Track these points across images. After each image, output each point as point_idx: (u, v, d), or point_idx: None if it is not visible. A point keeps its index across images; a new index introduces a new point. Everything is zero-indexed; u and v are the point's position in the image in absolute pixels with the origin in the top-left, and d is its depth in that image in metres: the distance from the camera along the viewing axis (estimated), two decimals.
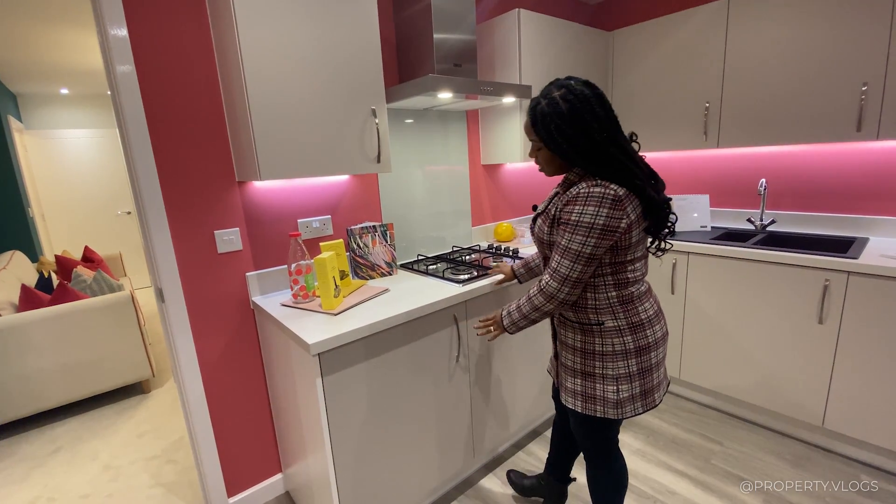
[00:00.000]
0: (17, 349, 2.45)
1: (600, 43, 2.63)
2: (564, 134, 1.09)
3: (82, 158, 5.28)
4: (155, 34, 1.43)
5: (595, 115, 1.07)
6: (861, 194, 2.16)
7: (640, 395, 1.22)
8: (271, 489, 1.89)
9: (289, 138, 1.45)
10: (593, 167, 1.10)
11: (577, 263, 1.10)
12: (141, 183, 1.45)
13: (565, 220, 1.11)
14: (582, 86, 1.09)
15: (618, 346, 1.18)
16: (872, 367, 1.76)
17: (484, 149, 2.46)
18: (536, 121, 1.13)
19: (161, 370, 3.27)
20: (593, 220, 1.06)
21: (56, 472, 2.17)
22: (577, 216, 1.08)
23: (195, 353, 1.62)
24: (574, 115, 1.07)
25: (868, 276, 1.72)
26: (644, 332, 1.19)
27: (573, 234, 1.09)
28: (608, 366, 1.20)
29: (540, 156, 1.22)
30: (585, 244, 1.08)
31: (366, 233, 1.92)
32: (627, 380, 1.20)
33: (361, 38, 1.59)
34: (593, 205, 1.06)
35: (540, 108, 1.12)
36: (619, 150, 1.10)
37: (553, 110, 1.09)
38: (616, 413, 1.21)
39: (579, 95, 1.07)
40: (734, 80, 2.21)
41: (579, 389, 1.25)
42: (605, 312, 1.18)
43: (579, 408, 1.26)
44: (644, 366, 1.20)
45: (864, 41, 1.83)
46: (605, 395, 1.21)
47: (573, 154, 1.11)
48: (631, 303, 1.19)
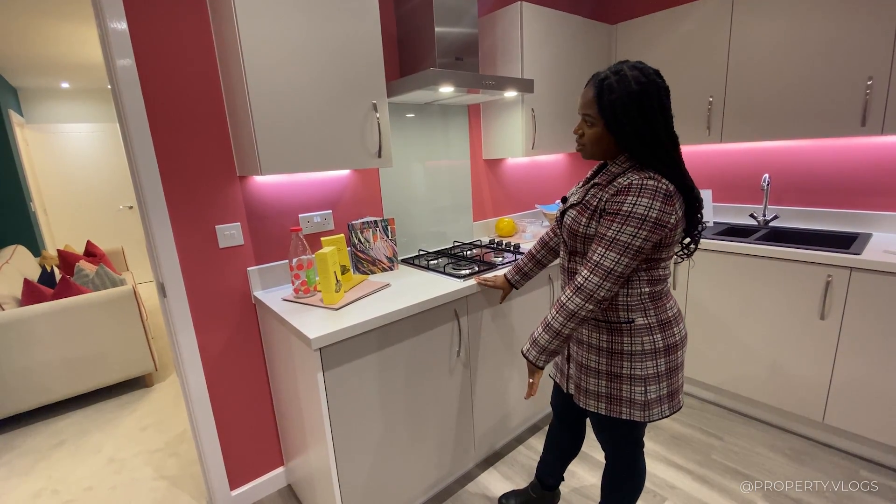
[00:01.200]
0: (21, 343, 2.46)
1: (603, 36, 2.61)
2: (629, 114, 1.04)
3: (84, 153, 5.28)
4: (155, 28, 1.42)
5: (662, 104, 1.05)
6: (865, 190, 2.15)
7: (667, 396, 1.18)
8: (273, 482, 1.90)
9: (289, 132, 1.45)
10: (646, 156, 1.06)
11: (624, 256, 1.04)
12: (142, 177, 1.45)
13: (615, 211, 1.05)
14: (654, 73, 1.05)
15: (647, 345, 1.14)
16: (873, 362, 1.76)
17: (485, 143, 2.45)
18: (603, 95, 1.06)
19: (164, 364, 3.28)
20: (646, 213, 1.02)
21: (60, 465, 2.19)
22: (630, 206, 1.03)
23: (197, 348, 1.63)
24: (643, 97, 1.03)
25: (871, 271, 1.71)
26: (672, 330, 1.16)
27: (623, 225, 1.04)
28: (636, 366, 1.16)
29: (589, 134, 1.13)
30: (636, 236, 1.03)
31: (367, 228, 1.92)
32: (656, 380, 1.16)
33: (362, 31, 1.58)
34: (647, 197, 1.02)
35: (608, 82, 1.05)
36: (672, 144, 1.08)
37: (623, 88, 1.03)
38: (643, 416, 1.17)
39: (651, 78, 1.03)
40: (738, 74, 2.20)
41: (604, 391, 1.21)
42: (637, 310, 1.15)
43: (603, 410, 1.22)
44: (672, 365, 1.17)
45: (869, 35, 1.81)
46: (633, 397, 1.17)
47: (631, 137, 1.06)
48: (661, 299, 1.16)
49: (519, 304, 1.94)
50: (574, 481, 1.85)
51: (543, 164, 2.89)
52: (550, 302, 2.09)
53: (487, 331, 1.82)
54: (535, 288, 1.99)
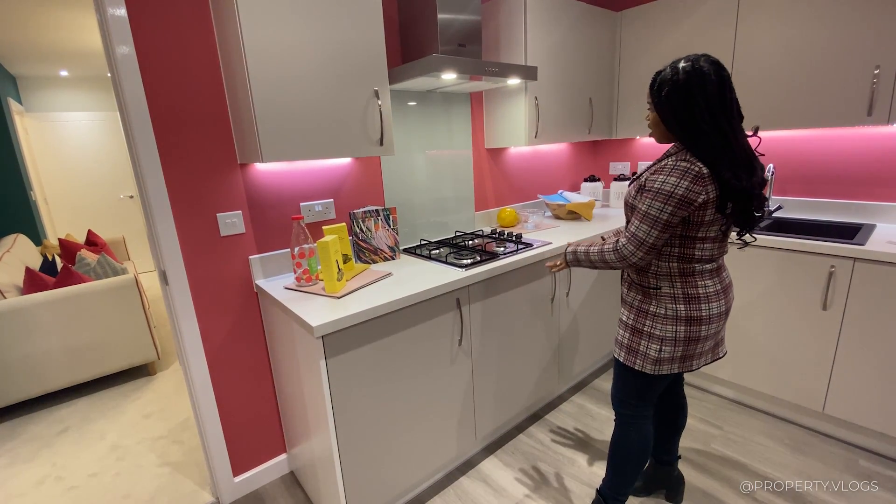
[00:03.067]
0: (23, 331, 2.47)
1: (607, 23, 2.58)
2: (671, 101, 1.16)
3: (84, 141, 5.25)
4: (154, 14, 1.41)
5: (706, 93, 1.12)
6: (869, 180, 2.13)
7: (679, 358, 1.30)
8: (276, 469, 1.91)
9: (291, 120, 1.44)
10: (688, 140, 1.17)
11: (654, 229, 1.17)
12: (143, 165, 1.44)
13: (648, 188, 1.19)
14: (708, 64, 1.13)
15: (670, 311, 1.26)
16: (875, 353, 1.76)
17: (488, 132, 2.43)
18: (655, 83, 1.20)
19: (166, 353, 3.30)
20: (673, 190, 1.13)
21: (64, 452, 2.21)
22: (660, 184, 1.15)
23: (199, 336, 1.63)
24: (686, 87, 1.13)
25: (874, 262, 1.70)
26: (699, 305, 1.26)
27: (653, 201, 1.17)
28: (657, 326, 1.28)
29: (651, 118, 1.27)
30: (663, 210, 1.15)
31: (369, 217, 1.91)
32: (672, 343, 1.28)
33: (364, 17, 1.56)
34: (676, 176, 1.13)
35: (664, 73, 1.18)
36: (716, 131, 1.13)
37: (671, 78, 1.15)
38: (653, 369, 1.31)
39: (699, 71, 1.12)
40: (744, 63, 2.17)
41: (625, 342, 1.36)
42: (664, 279, 1.27)
43: (622, 357, 1.38)
44: (692, 335, 1.27)
45: (877, 23, 1.79)
46: (647, 352, 1.31)
47: (674, 124, 1.18)
48: (691, 276, 1.26)
49: (520, 293, 1.93)
50: (574, 469, 1.86)
51: (546, 153, 2.87)
52: (554, 291, 2.09)
53: (488, 320, 1.83)
54: (536, 278, 1.99)
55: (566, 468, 1.88)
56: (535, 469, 1.89)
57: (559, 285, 2.12)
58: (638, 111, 2.65)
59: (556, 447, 2.01)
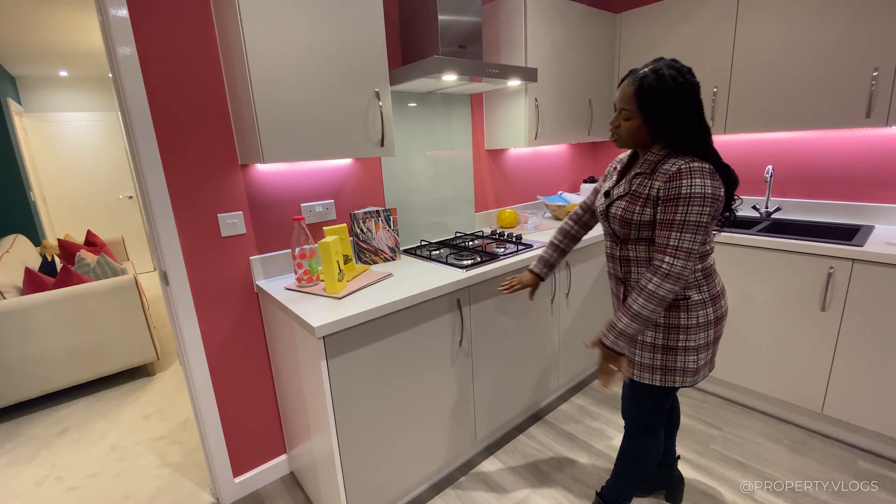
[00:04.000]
0: (22, 332, 2.47)
1: (607, 25, 2.59)
2: (668, 111, 1.14)
3: (83, 142, 5.25)
4: (156, 15, 1.41)
5: (696, 97, 1.15)
6: (868, 182, 2.14)
7: (709, 360, 1.31)
8: (276, 469, 1.91)
9: (292, 120, 1.44)
10: (684, 144, 1.16)
11: (698, 234, 1.13)
12: (144, 165, 1.44)
13: (675, 196, 1.13)
14: (689, 73, 1.15)
15: (702, 319, 1.24)
16: (873, 354, 1.77)
17: (488, 133, 2.44)
18: (643, 93, 1.15)
19: (165, 353, 3.30)
20: (704, 191, 1.11)
21: (63, 452, 2.21)
22: (689, 189, 1.11)
23: (200, 336, 1.63)
24: (680, 96, 1.13)
25: (872, 263, 1.71)
26: (720, 303, 1.27)
27: (688, 206, 1.12)
28: (691, 338, 1.25)
29: (625, 126, 1.22)
30: (702, 213, 1.12)
31: (369, 217, 1.91)
32: (706, 349, 1.27)
33: (365, 18, 1.56)
34: (699, 176, 1.11)
35: (648, 81, 1.14)
36: (707, 131, 1.18)
37: (662, 86, 1.13)
38: (693, 380, 1.29)
39: (688, 80, 1.13)
40: (743, 65, 2.18)
41: (658, 364, 1.29)
42: (692, 287, 1.23)
43: (658, 381, 1.30)
44: (717, 334, 1.29)
45: (876, 25, 1.80)
46: (686, 366, 1.27)
47: (670, 130, 1.16)
48: (711, 275, 1.26)
49: (520, 294, 1.94)
50: (574, 469, 1.87)
51: (546, 154, 2.88)
52: (553, 291, 2.09)
53: (489, 320, 1.83)
54: None
55: (566, 469, 1.88)
56: (536, 469, 1.89)
57: (559, 286, 2.12)
58: None
59: (556, 448, 2.01)
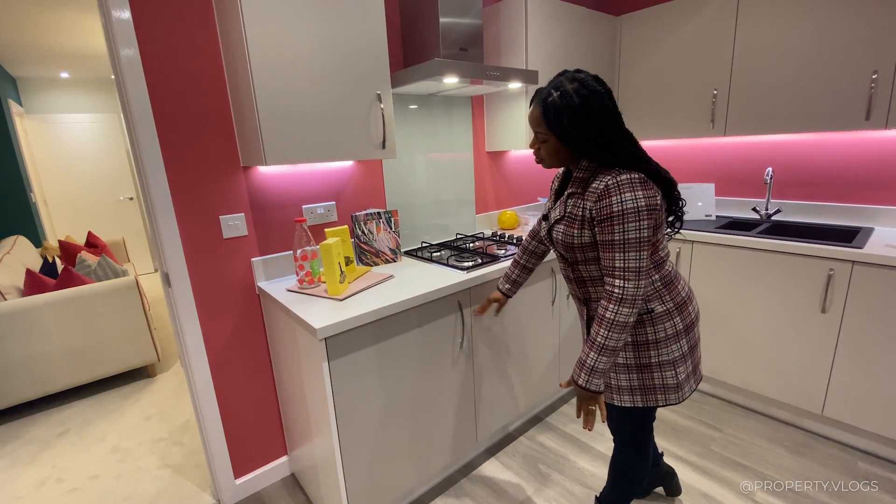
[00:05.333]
0: (23, 333, 2.47)
1: (607, 27, 2.59)
2: (577, 127, 1.09)
3: (84, 143, 5.25)
4: (158, 17, 1.41)
5: (606, 109, 1.10)
6: (868, 184, 2.15)
7: (692, 372, 1.26)
8: (277, 471, 1.92)
9: (294, 123, 1.45)
10: (606, 158, 1.11)
11: (643, 250, 1.07)
12: (146, 167, 1.45)
13: (608, 215, 1.07)
14: (593, 81, 1.10)
15: (670, 330, 1.19)
16: (874, 356, 1.77)
17: (488, 135, 2.45)
18: (549, 113, 1.11)
19: (166, 355, 3.30)
20: (637, 204, 1.05)
21: (64, 454, 2.21)
22: (620, 205, 1.05)
23: (202, 338, 1.63)
24: (587, 109, 1.08)
25: (872, 265, 1.72)
26: (687, 310, 1.22)
27: (624, 224, 1.06)
28: (663, 351, 1.20)
29: (544, 148, 1.19)
30: (640, 228, 1.05)
31: (370, 219, 1.92)
32: (683, 361, 1.22)
33: (367, 21, 1.57)
34: (629, 190, 1.06)
35: (552, 100, 1.10)
36: (628, 141, 1.13)
37: (566, 103, 1.08)
38: (677, 397, 1.23)
39: (592, 91, 1.08)
40: (743, 67, 2.19)
41: (636, 384, 1.23)
42: (653, 299, 1.19)
43: (639, 402, 1.24)
44: (692, 343, 1.25)
45: (875, 28, 1.80)
46: (666, 383, 1.22)
47: (587, 146, 1.11)
48: (671, 283, 1.21)
49: (521, 296, 1.94)
50: (575, 472, 1.87)
51: None
52: (554, 293, 2.09)
53: (490, 322, 1.83)
54: (538, 280, 2.00)
55: (567, 471, 1.88)
56: (536, 471, 1.89)
57: (559, 288, 2.13)
58: (637, 114, 2.66)
59: (556, 449, 2.02)
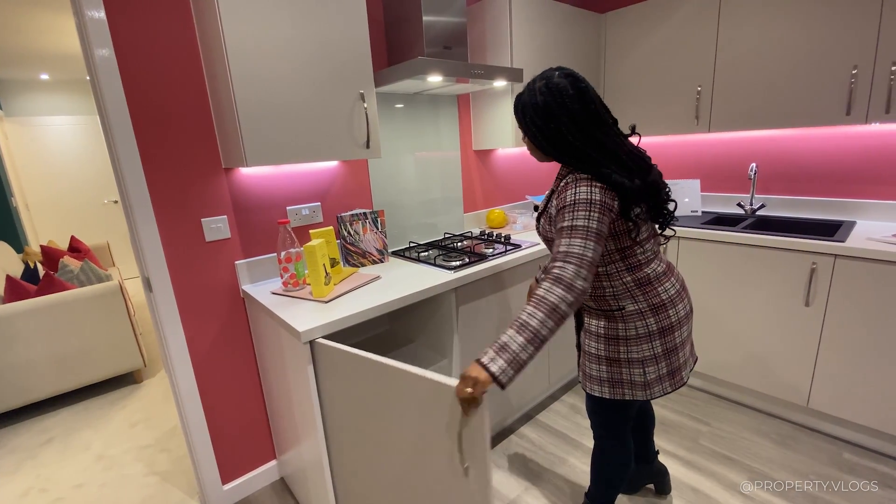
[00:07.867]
0: (4, 341, 2.42)
1: (592, 25, 2.60)
2: (536, 124, 1.14)
3: (66, 146, 5.16)
4: (134, 16, 1.39)
5: (567, 109, 1.09)
6: (849, 178, 2.17)
7: (667, 374, 1.25)
8: (266, 475, 1.90)
9: (275, 123, 1.43)
10: (565, 158, 1.15)
11: (589, 240, 1.03)
12: (124, 170, 1.42)
13: (562, 206, 1.10)
14: (563, 78, 1.10)
15: (641, 330, 1.20)
16: (857, 348, 1.80)
17: (475, 134, 2.44)
18: (517, 109, 1.18)
19: (152, 360, 3.25)
20: (591, 196, 1.07)
21: (48, 463, 2.17)
22: (574, 196, 1.08)
23: (185, 343, 1.61)
24: (546, 108, 1.11)
25: (854, 258, 1.74)
26: (666, 313, 1.21)
27: (574, 211, 1.06)
28: (633, 349, 1.22)
29: (526, 143, 1.25)
30: (591, 218, 1.05)
31: (356, 220, 1.90)
32: (653, 361, 1.22)
33: (349, 19, 1.55)
34: (585, 185, 1.09)
35: (522, 97, 1.16)
36: (591, 144, 1.11)
37: (530, 101, 1.13)
38: (645, 395, 1.24)
39: (554, 89, 1.09)
40: (726, 64, 2.20)
41: (605, 376, 1.27)
42: (624, 297, 1.20)
43: (607, 394, 1.27)
44: (669, 346, 1.23)
45: (854, 24, 1.82)
46: (633, 379, 1.24)
47: (545, 144, 1.16)
48: (649, 284, 1.20)
49: (511, 294, 1.94)
50: (565, 468, 1.87)
51: None
52: None
53: (478, 322, 1.83)
54: (526, 279, 2.00)
55: (558, 467, 1.89)
56: (527, 469, 1.89)
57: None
58: (623, 111, 2.67)
59: (547, 447, 2.02)
